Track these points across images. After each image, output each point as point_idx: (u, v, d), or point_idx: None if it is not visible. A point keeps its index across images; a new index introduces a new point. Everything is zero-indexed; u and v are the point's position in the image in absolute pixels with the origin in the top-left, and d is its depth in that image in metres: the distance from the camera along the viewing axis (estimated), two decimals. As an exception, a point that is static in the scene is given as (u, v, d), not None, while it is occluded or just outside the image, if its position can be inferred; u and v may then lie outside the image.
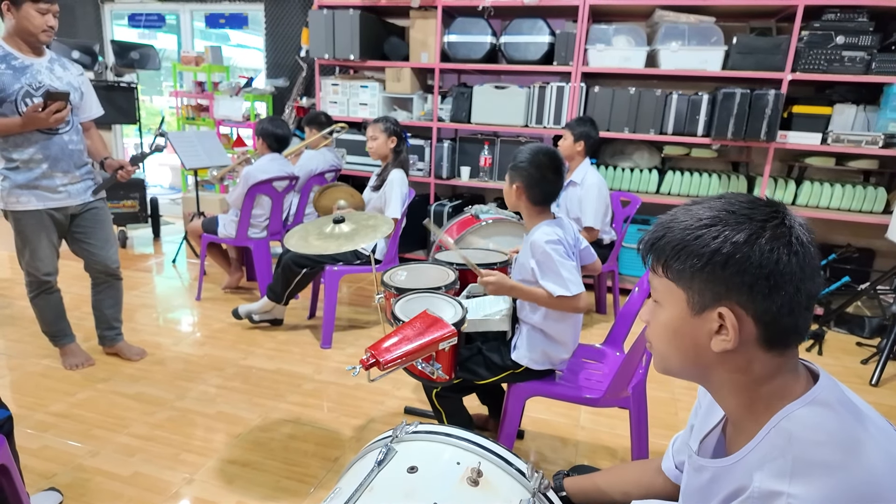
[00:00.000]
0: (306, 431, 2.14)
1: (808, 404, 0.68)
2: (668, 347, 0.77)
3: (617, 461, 2.07)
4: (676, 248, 0.72)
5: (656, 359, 0.81)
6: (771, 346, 0.70)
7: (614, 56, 3.59)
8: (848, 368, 2.92)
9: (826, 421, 0.66)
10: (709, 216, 0.71)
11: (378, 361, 1.34)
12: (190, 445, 2.02)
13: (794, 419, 0.67)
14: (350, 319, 3.31)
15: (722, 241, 0.68)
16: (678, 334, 0.75)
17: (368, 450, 1.11)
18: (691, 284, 0.71)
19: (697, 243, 0.70)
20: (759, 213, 0.69)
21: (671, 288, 0.74)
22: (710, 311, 0.71)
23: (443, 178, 4.11)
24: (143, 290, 3.62)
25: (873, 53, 3.19)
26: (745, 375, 0.72)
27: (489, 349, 1.76)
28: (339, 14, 3.93)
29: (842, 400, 0.68)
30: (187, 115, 5.27)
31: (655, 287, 0.78)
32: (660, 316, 0.78)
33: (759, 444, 0.69)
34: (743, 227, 0.68)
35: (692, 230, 0.71)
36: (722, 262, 0.68)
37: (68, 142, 2.28)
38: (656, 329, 0.79)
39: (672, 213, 0.76)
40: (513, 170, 1.69)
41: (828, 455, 0.63)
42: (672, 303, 0.75)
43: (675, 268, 0.73)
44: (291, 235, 1.84)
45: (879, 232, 3.30)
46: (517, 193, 1.69)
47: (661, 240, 0.75)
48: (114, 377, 2.48)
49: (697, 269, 0.70)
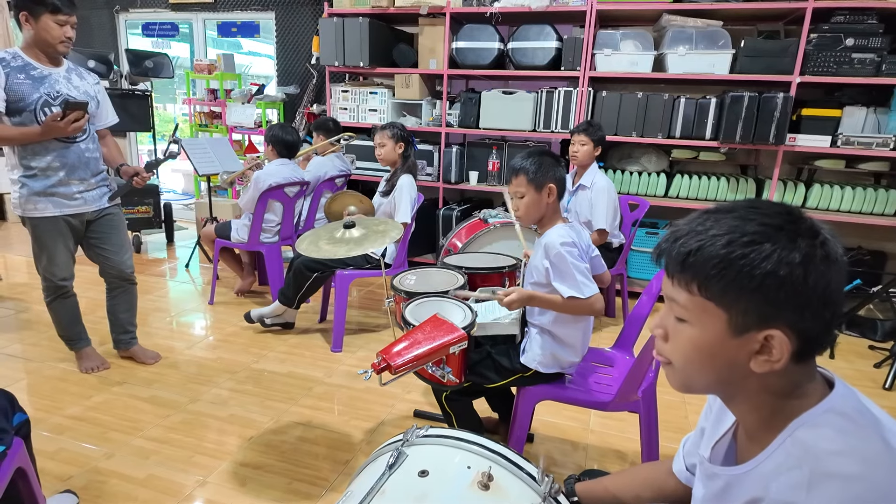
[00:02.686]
0: (317, 434, 2.16)
1: (824, 413, 0.66)
2: (698, 368, 0.72)
3: (627, 465, 2.06)
4: (719, 265, 0.65)
5: (677, 377, 0.75)
6: (801, 359, 0.67)
7: (622, 61, 3.60)
8: (861, 372, 2.90)
9: (842, 431, 0.64)
10: (753, 231, 0.65)
11: (389, 366, 1.36)
12: (203, 448, 2.05)
13: (810, 428, 0.66)
14: (360, 323, 3.33)
15: (777, 261, 0.63)
16: (712, 356, 0.69)
17: (379, 453, 1.12)
18: (735, 306, 0.65)
19: (747, 262, 0.63)
20: (802, 228, 0.65)
21: (707, 308, 0.68)
22: (754, 332, 0.66)
23: (451, 183, 4.13)
24: (156, 295, 3.67)
25: (883, 55, 3.18)
26: (775, 391, 0.70)
27: (498, 353, 1.77)
28: (349, 22, 3.97)
29: (858, 408, 0.67)
30: (200, 122, 5.35)
31: (683, 304, 0.70)
32: (687, 335, 0.71)
33: (774, 454, 0.68)
34: (795, 246, 0.63)
35: (737, 246, 0.64)
36: (777, 284, 0.63)
37: (85, 150, 2.32)
38: (682, 348, 0.72)
39: (696, 222, 0.69)
40: (539, 175, 1.63)
41: (845, 466, 0.61)
42: (707, 323, 0.68)
43: (718, 287, 0.66)
44: (303, 240, 1.86)
45: (891, 234, 3.28)
46: (551, 193, 1.65)
47: (695, 254, 0.67)
48: (128, 380, 2.52)
49: (747, 290, 0.64)
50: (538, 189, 1.65)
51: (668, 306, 0.75)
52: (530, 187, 1.66)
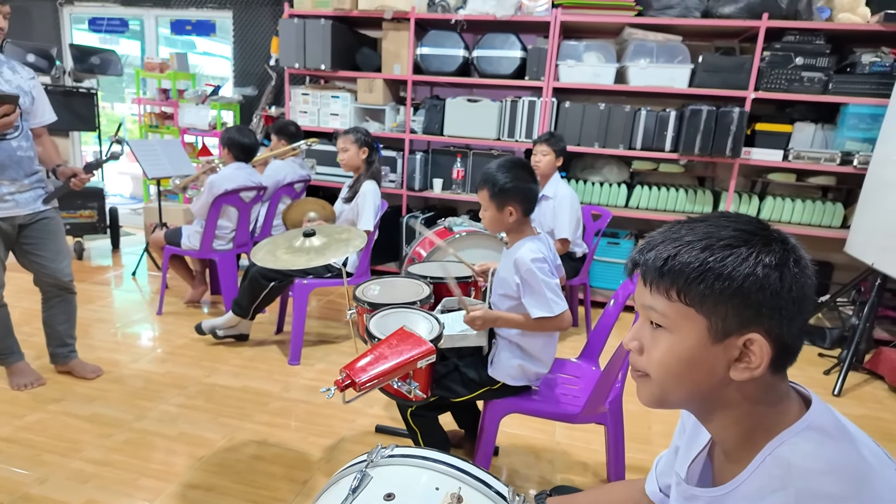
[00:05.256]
0: (274, 453, 2.05)
1: (804, 430, 0.65)
2: (677, 379, 0.70)
3: (591, 476, 2.05)
4: (698, 269, 0.65)
5: (652, 391, 0.73)
6: (778, 367, 0.67)
7: (585, 72, 3.64)
8: (812, 379, 2.99)
9: (825, 448, 0.64)
10: (729, 235, 0.66)
11: (354, 382, 1.28)
12: (149, 470, 1.91)
13: (791, 447, 0.65)
14: (320, 334, 3.22)
15: (754, 263, 0.63)
16: (693, 365, 0.68)
17: (342, 475, 1.05)
18: (715, 310, 0.65)
19: (726, 265, 0.64)
20: (773, 234, 0.66)
21: (687, 314, 0.67)
22: (734, 338, 0.66)
23: (415, 190, 4.08)
24: (100, 304, 3.45)
25: (830, 74, 3.32)
26: (754, 401, 0.69)
27: (466, 365, 1.72)
28: (311, 23, 3.88)
29: (837, 425, 0.66)
30: (150, 122, 5.11)
31: (662, 312, 0.69)
32: (667, 343, 0.70)
33: (755, 473, 0.66)
34: (771, 249, 0.65)
35: (715, 250, 0.65)
36: (756, 286, 0.63)
37: (17, 148, 2.15)
38: (662, 359, 0.70)
39: (671, 231, 0.70)
40: (500, 194, 1.60)
41: (831, 486, 0.61)
42: (687, 330, 0.68)
43: (697, 292, 0.65)
44: (259, 249, 1.76)
45: (838, 245, 3.41)
46: (512, 213, 1.62)
47: (672, 260, 0.67)
48: (66, 397, 2.34)
49: (727, 293, 0.64)
50: (499, 208, 1.63)
51: (644, 317, 0.73)
52: (492, 204, 1.64)
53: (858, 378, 3.01)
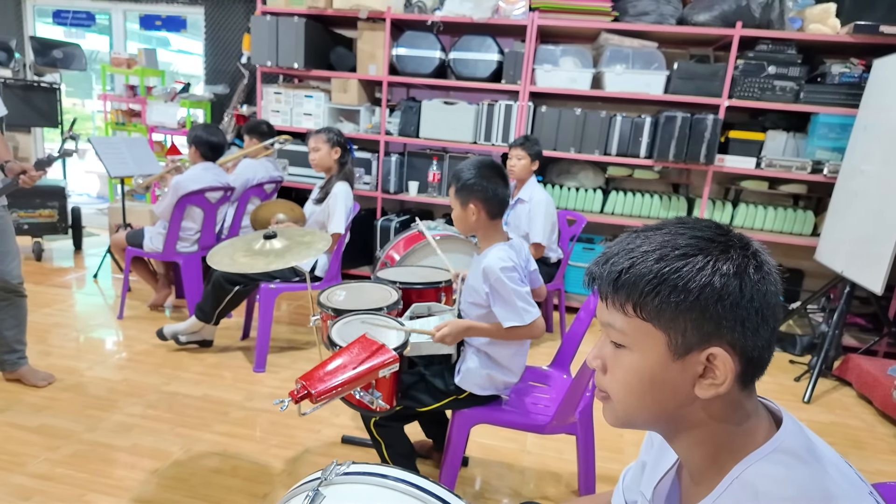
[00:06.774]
0: (233, 465, 1.96)
1: (772, 452, 0.61)
2: (640, 399, 0.66)
3: (564, 487, 2.00)
4: (653, 282, 0.61)
5: (616, 412, 0.69)
6: (744, 382, 0.64)
7: (561, 77, 3.63)
8: (782, 385, 3.00)
9: (793, 473, 0.60)
10: (685, 244, 0.62)
11: (310, 393, 1.22)
12: (97, 484, 1.80)
13: (758, 470, 0.61)
14: (288, 340, 3.12)
15: (711, 272, 0.60)
16: (655, 383, 0.64)
17: (293, 494, 0.97)
18: (673, 324, 0.62)
19: (681, 276, 0.60)
20: (733, 240, 0.63)
21: (646, 330, 0.63)
22: (695, 353, 0.62)
23: (390, 193, 4.01)
24: (58, 308, 3.30)
25: (801, 84, 3.36)
26: (720, 422, 0.65)
27: (432, 374, 1.66)
28: (284, 21, 3.79)
29: (808, 447, 0.62)
30: (117, 119, 4.94)
31: (620, 329, 0.66)
32: (627, 362, 0.66)
33: (721, 498, 0.62)
34: (728, 257, 0.61)
35: (670, 261, 0.61)
36: (714, 297, 0.59)
37: (-36, 143, 2.03)
38: (623, 378, 0.67)
39: (627, 241, 0.66)
40: (463, 190, 1.58)
41: None
42: (647, 347, 0.64)
43: (653, 306, 0.62)
44: (216, 252, 1.68)
45: (808, 253, 3.45)
46: (475, 212, 1.58)
47: (626, 272, 0.63)
48: (12, 407, 2.21)
49: (684, 306, 0.60)
50: (462, 205, 1.59)
51: (605, 334, 0.69)
52: (456, 201, 1.61)
53: (828, 385, 3.03)
